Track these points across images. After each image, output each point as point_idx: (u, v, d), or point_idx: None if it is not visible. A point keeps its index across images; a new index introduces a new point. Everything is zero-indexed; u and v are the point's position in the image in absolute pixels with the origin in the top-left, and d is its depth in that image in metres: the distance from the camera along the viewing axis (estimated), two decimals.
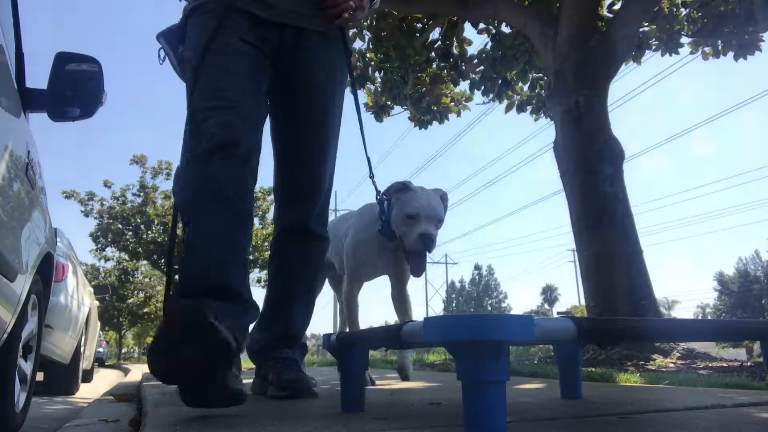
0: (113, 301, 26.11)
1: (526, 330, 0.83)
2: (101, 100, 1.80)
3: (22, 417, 1.96)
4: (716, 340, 1.58)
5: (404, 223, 1.98)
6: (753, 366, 3.84)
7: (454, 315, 0.88)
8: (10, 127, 1.49)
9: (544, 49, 5.84)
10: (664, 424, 1.20)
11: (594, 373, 3.09)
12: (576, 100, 5.36)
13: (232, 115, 1.54)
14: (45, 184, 1.99)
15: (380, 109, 8.06)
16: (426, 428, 1.09)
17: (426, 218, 1.95)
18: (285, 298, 1.91)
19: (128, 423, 1.72)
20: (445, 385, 2.38)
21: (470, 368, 0.83)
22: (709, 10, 7.08)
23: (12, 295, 1.50)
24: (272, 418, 1.29)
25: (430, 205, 1.97)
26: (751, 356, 11.60)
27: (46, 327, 3.10)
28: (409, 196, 2.00)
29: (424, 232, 1.92)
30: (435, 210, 1.98)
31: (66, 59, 1.78)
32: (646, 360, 4.16)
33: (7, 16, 1.70)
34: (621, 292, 4.92)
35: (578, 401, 1.64)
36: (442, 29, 7.34)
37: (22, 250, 1.55)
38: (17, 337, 1.81)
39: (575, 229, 5.32)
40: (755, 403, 1.56)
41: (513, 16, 6.32)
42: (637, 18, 5.73)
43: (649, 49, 7.44)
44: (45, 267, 2.03)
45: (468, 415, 0.83)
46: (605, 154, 5.23)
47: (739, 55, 7.18)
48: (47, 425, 2.34)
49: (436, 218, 1.98)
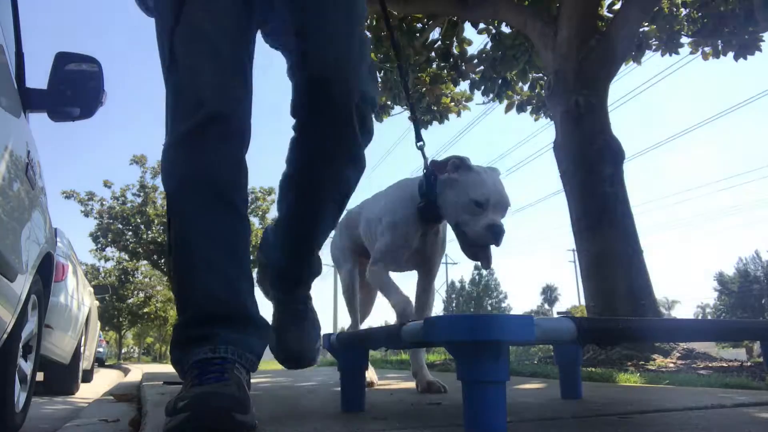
0: (113, 301, 26.14)
1: (526, 330, 0.83)
2: (101, 100, 1.80)
3: (22, 417, 1.96)
4: (716, 340, 1.58)
5: (468, 210, 1.72)
6: (753, 366, 3.85)
7: (454, 315, 0.88)
8: (10, 127, 1.49)
9: (544, 49, 5.85)
10: (664, 424, 1.20)
11: (594, 373, 3.09)
12: (576, 100, 5.36)
13: (222, 76, 1.28)
14: (45, 184, 1.99)
15: (380, 109, 8.06)
16: (426, 428, 1.09)
17: (494, 206, 1.71)
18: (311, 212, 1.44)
19: (128, 423, 1.72)
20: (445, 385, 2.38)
21: (470, 368, 0.83)
22: (709, 10, 7.08)
23: (12, 295, 1.50)
24: (272, 418, 1.29)
25: (499, 191, 1.73)
26: (751, 356, 11.60)
27: (46, 327, 3.10)
28: (474, 178, 1.73)
29: (494, 223, 1.68)
30: (504, 197, 1.75)
31: (66, 59, 1.78)
32: (646, 360, 4.16)
33: (7, 16, 1.70)
34: (621, 293, 4.92)
35: (578, 401, 1.64)
36: (442, 29, 7.34)
37: (22, 250, 1.55)
38: (17, 337, 1.81)
39: (575, 229, 5.32)
40: (755, 403, 1.56)
41: (513, 16, 6.32)
42: (637, 18, 5.74)
43: (649, 49, 7.45)
44: (45, 267, 2.03)
45: (468, 415, 0.83)
46: (605, 154, 5.24)
47: (739, 55, 7.19)
48: (47, 425, 2.34)
49: (505, 207, 1.75)
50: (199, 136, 1.23)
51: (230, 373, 1.09)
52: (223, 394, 0.99)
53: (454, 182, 1.75)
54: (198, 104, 1.24)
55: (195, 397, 0.98)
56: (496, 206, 1.70)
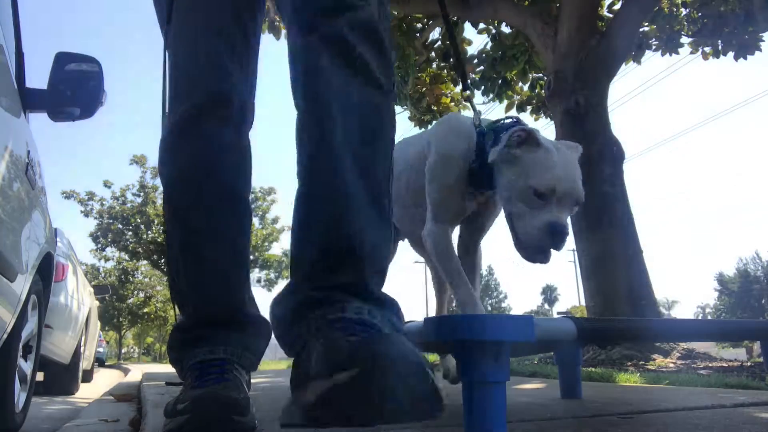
0: (113, 301, 26.15)
1: (526, 330, 0.83)
2: (101, 100, 1.80)
3: (22, 417, 1.96)
4: (716, 340, 1.58)
5: (525, 198, 1.33)
6: (753, 366, 3.85)
7: (454, 315, 0.87)
8: (10, 127, 1.50)
9: (544, 49, 5.85)
10: (664, 424, 1.20)
11: (594, 373, 3.09)
12: (576, 100, 5.36)
13: (223, 50, 1.14)
14: (45, 184, 1.99)
15: None
16: (426, 428, 1.09)
17: (561, 199, 1.32)
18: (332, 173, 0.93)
19: (128, 423, 1.72)
20: (445, 385, 2.38)
21: (470, 368, 0.83)
22: (709, 10, 7.08)
23: (12, 295, 1.50)
24: (272, 418, 1.29)
25: (570, 178, 1.35)
26: (751, 356, 11.60)
27: (46, 327, 3.10)
28: (540, 158, 1.34)
29: (556, 221, 1.30)
30: (576, 187, 1.35)
31: (66, 59, 1.78)
32: (646, 360, 4.17)
33: (7, 16, 1.70)
34: (621, 293, 4.92)
35: (578, 401, 1.64)
36: (442, 29, 7.34)
37: (22, 250, 1.55)
38: (17, 337, 1.81)
39: (575, 229, 5.32)
40: (755, 403, 1.56)
41: (513, 16, 6.33)
42: (637, 18, 5.74)
43: (649, 49, 7.45)
44: (45, 267, 2.03)
45: (468, 415, 0.83)
46: (605, 154, 5.24)
47: (739, 55, 7.19)
48: (47, 425, 2.34)
49: (575, 200, 1.35)
50: (197, 119, 1.12)
51: (230, 374, 1.08)
52: (222, 396, 0.98)
53: (514, 160, 1.36)
54: (196, 83, 1.13)
55: (195, 400, 0.97)
56: (563, 199, 1.33)
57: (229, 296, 1.18)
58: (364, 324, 0.80)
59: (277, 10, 1.24)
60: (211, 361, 1.11)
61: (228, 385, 1.03)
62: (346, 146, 0.93)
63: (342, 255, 0.88)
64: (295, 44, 1.01)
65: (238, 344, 1.16)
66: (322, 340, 0.77)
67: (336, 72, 0.95)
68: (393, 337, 0.72)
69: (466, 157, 1.52)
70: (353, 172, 0.92)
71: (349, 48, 0.95)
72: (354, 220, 0.90)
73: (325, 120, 0.94)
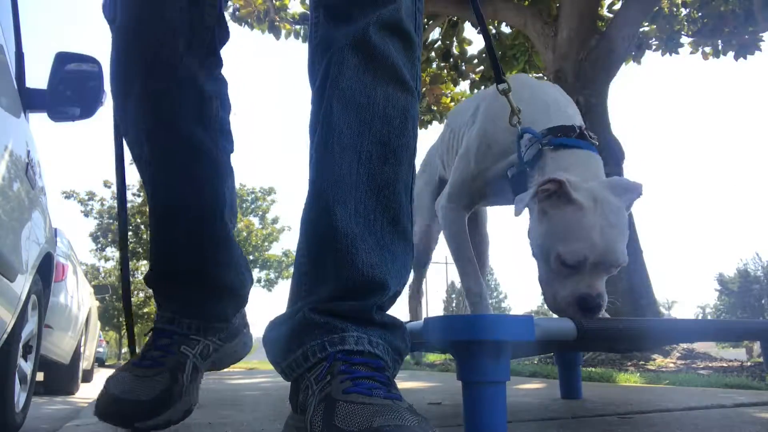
0: (113, 301, 26.10)
1: (526, 330, 0.83)
2: (101, 100, 1.80)
3: (22, 417, 1.96)
4: (716, 340, 1.58)
5: (552, 264, 1.16)
6: (753, 366, 3.84)
7: (454, 315, 0.87)
8: (10, 127, 1.50)
9: (544, 49, 5.85)
10: (664, 424, 1.20)
11: (594, 373, 3.09)
12: (576, 100, 5.36)
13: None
14: (45, 184, 1.99)
15: None
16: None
17: (594, 266, 1.12)
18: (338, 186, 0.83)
19: None
20: (445, 385, 2.38)
21: (470, 368, 0.83)
22: (709, 10, 7.08)
23: (12, 295, 1.50)
24: (272, 419, 1.29)
25: (606, 245, 1.12)
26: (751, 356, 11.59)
27: (46, 327, 3.10)
28: (571, 220, 1.14)
29: (587, 295, 1.12)
30: (613, 254, 1.13)
31: (66, 59, 1.78)
32: (646, 360, 4.16)
33: (7, 16, 1.70)
34: (621, 292, 4.92)
35: (578, 401, 1.64)
36: (442, 29, 7.34)
37: (22, 250, 1.55)
38: (17, 337, 1.81)
39: None
40: (755, 403, 1.56)
41: (513, 16, 6.33)
42: (637, 18, 5.74)
43: (649, 49, 7.45)
44: (45, 267, 2.03)
45: (468, 415, 0.83)
46: (605, 154, 5.23)
47: (739, 55, 7.18)
48: (47, 425, 2.33)
49: (611, 265, 1.14)
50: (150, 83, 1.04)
51: (169, 356, 1.01)
52: (125, 402, 0.95)
53: (543, 216, 1.19)
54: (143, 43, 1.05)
55: (98, 404, 0.99)
56: (598, 266, 1.12)
57: (189, 254, 1.08)
58: (366, 365, 0.74)
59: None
60: (163, 331, 1.05)
61: (145, 383, 0.97)
62: (362, 155, 0.82)
63: (352, 288, 0.78)
64: (319, 33, 0.91)
65: (201, 315, 1.06)
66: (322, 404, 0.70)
67: (360, 67, 0.85)
68: (394, 407, 0.69)
69: (511, 148, 1.30)
70: (370, 188, 0.81)
71: (375, 42, 0.85)
72: (369, 251, 0.79)
73: (340, 122, 0.83)
